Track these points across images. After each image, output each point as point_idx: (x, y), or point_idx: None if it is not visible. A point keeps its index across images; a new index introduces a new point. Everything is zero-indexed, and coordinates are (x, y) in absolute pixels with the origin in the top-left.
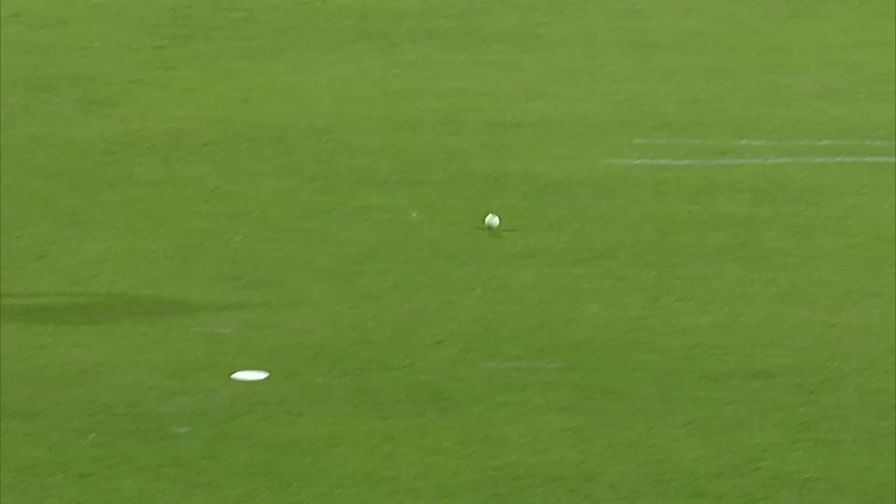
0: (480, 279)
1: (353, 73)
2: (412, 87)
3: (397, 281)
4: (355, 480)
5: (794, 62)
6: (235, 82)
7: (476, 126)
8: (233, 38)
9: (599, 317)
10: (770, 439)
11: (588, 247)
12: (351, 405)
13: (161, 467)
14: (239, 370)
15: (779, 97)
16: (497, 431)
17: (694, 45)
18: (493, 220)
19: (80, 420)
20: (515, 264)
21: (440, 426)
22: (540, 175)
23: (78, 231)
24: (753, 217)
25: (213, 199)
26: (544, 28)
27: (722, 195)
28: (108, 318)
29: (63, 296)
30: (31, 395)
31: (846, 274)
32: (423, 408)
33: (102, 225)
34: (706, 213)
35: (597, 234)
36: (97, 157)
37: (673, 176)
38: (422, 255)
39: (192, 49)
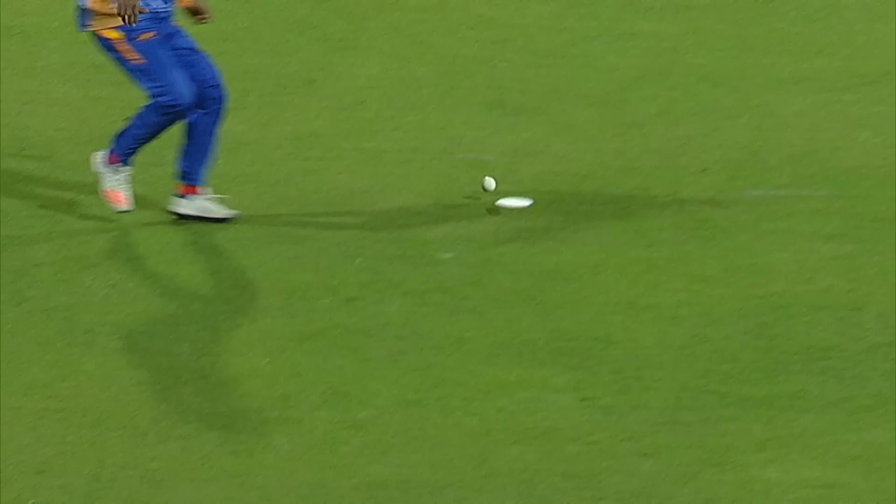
0: (748, 105)
1: None
2: None
3: (663, 108)
4: (619, 308)
5: None
6: None
7: None
8: None
9: (870, 143)
10: None
11: (860, 72)
12: (615, 233)
13: (426, 292)
14: (503, 197)
15: None
16: (763, 259)
17: None
18: (489, 183)
19: (347, 245)
20: (784, 90)
21: (705, 254)
22: None
23: (346, 57)
24: None
25: (479, 25)
26: None
27: None
28: (375, 143)
29: (331, 121)
30: (301, 220)
31: None
32: (688, 235)
33: (370, 51)
34: None
35: (869, 59)
36: None
37: None
38: (688, 82)
39: None
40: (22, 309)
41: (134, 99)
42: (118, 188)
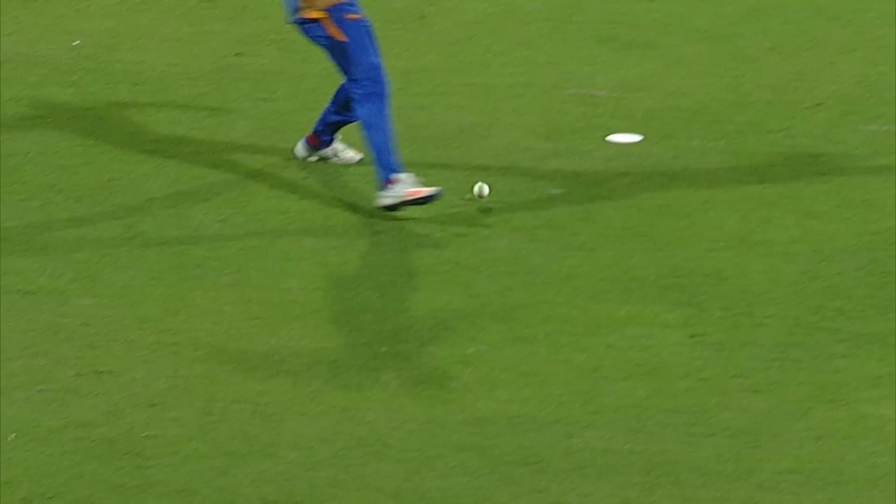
0: (863, 39)
1: None
2: None
3: (776, 42)
4: (730, 244)
5: None
6: None
7: None
8: None
9: None
10: None
11: None
12: (726, 168)
13: (536, 228)
14: (613, 132)
15: None
16: (876, 195)
17: None
18: (482, 189)
19: (456, 180)
20: None
21: (818, 190)
22: None
23: None
24: None
25: None
26: None
27: None
28: (485, 78)
29: (441, 56)
30: (410, 155)
31: None
32: (801, 171)
33: None
34: None
35: None
36: None
37: None
38: (801, 16)
39: None
40: (134, 243)
41: (245, 34)
42: (414, 187)
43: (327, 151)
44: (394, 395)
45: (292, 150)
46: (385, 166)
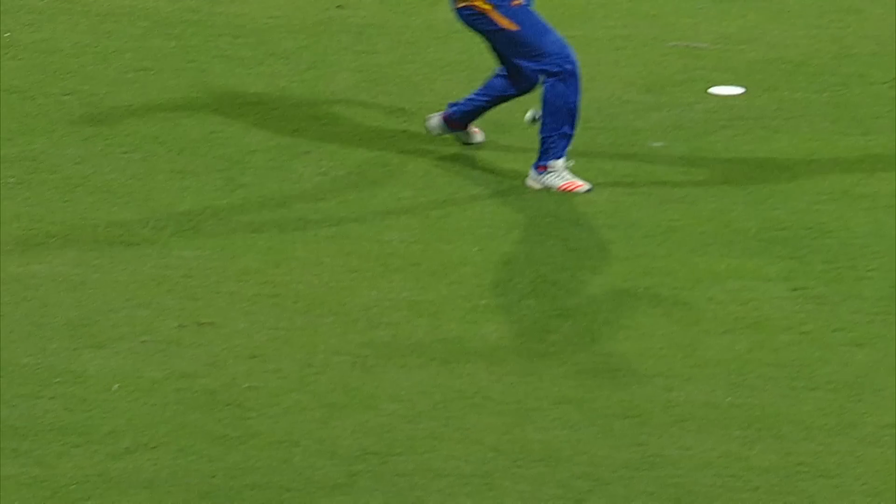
0: None
1: None
2: None
3: None
4: (832, 197)
5: None
6: None
7: None
8: None
9: None
10: None
11: None
12: (829, 121)
13: (636, 181)
14: (715, 85)
15: None
16: None
17: None
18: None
19: None
20: None
21: None
22: None
23: None
24: None
25: None
26: None
27: None
28: (586, 31)
29: (543, 9)
30: (509, 107)
31: None
32: None
33: None
34: None
35: None
36: None
37: None
38: None
39: None
40: (235, 196)
41: None
42: (569, 179)
43: (460, 134)
44: (493, 347)
45: (425, 120)
46: (550, 150)
